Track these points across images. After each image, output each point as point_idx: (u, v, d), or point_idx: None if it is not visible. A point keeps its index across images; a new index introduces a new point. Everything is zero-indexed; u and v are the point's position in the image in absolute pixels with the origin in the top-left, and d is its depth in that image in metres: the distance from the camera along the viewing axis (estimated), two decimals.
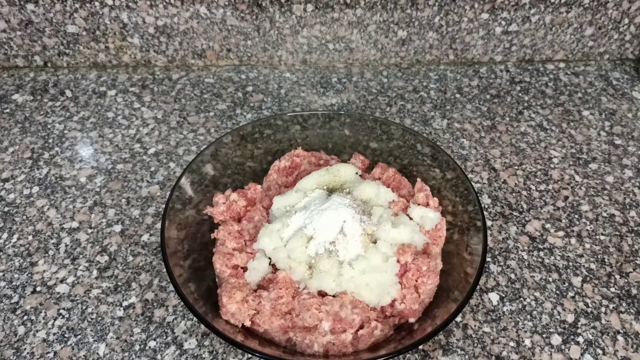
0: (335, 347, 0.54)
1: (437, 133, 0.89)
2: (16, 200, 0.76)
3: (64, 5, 0.90)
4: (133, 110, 0.92)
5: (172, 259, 0.57)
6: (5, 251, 0.69)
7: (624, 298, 0.66)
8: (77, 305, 0.63)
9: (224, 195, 0.67)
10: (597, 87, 1.00)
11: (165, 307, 0.63)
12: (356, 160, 0.73)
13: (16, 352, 0.59)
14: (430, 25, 0.97)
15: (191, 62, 1.01)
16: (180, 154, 0.84)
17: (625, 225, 0.74)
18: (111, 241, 0.71)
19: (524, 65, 1.05)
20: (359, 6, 0.93)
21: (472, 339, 0.61)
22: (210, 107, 0.93)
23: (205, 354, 0.59)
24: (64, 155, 0.83)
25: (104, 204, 0.75)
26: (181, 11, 0.93)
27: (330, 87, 0.98)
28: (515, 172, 0.82)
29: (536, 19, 0.97)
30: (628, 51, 1.05)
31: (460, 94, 0.97)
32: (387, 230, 0.60)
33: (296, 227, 0.61)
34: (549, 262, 0.69)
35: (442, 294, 0.59)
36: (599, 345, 0.61)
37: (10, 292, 0.65)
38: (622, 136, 0.89)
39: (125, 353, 0.59)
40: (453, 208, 0.66)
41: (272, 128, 0.75)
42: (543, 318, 0.63)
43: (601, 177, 0.81)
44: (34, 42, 0.95)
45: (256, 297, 0.57)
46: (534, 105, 0.95)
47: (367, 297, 0.57)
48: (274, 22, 0.95)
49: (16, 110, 0.91)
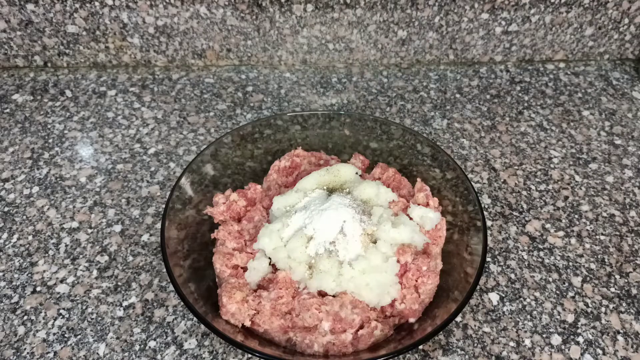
0: (335, 347, 0.54)
1: (437, 133, 0.89)
2: (16, 200, 0.76)
3: (64, 5, 0.90)
4: (133, 110, 0.92)
5: (172, 259, 0.57)
6: (5, 251, 0.69)
7: (624, 298, 0.66)
8: (77, 305, 0.63)
9: (224, 195, 0.67)
10: (597, 87, 1.00)
11: (165, 307, 0.63)
12: (356, 160, 0.73)
13: (16, 352, 0.59)
14: (430, 25, 0.97)
15: (191, 62, 1.01)
16: (180, 154, 0.84)
17: (625, 225, 0.74)
18: (111, 241, 0.71)
19: (524, 65, 1.05)
20: (359, 6, 0.93)
21: (472, 339, 0.61)
22: (210, 107, 0.93)
23: (205, 354, 0.59)
24: (64, 155, 0.83)
25: (104, 204, 0.75)
26: (181, 11, 0.93)
27: (330, 87, 0.98)
28: (515, 172, 0.82)
29: (536, 19, 0.97)
30: (628, 51, 1.05)
31: (460, 94, 0.97)
32: (387, 230, 0.60)
33: (296, 227, 0.61)
34: (549, 262, 0.69)
35: (442, 294, 0.59)
36: (599, 345, 0.61)
37: (10, 292, 0.65)
38: (622, 136, 0.89)
39: (125, 353, 0.59)
40: (453, 208, 0.66)
41: (272, 128, 0.75)
42: (543, 318, 0.63)
43: (601, 177, 0.81)
44: (34, 42, 0.95)
45: (256, 297, 0.57)
46: (534, 105, 0.95)
47: (367, 297, 0.57)
48: (274, 22, 0.95)
49: (16, 110, 0.91)
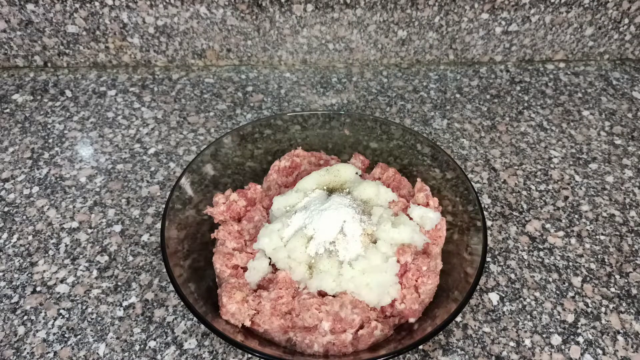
0: (335, 347, 0.54)
1: (437, 133, 0.89)
2: (16, 200, 0.76)
3: (64, 5, 0.90)
4: (133, 110, 0.92)
5: (172, 259, 0.57)
6: (5, 251, 0.69)
7: (624, 298, 0.66)
8: (77, 305, 0.63)
9: (224, 195, 0.67)
10: (597, 87, 1.00)
11: (165, 307, 0.63)
12: (356, 160, 0.73)
13: (16, 352, 0.59)
14: (430, 25, 0.97)
15: (191, 62, 1.01)
16: (180, 154, 0.84)
17: (625, 225, 0.74)
18: (111, 241, 0.71)
19: (524, 65, 1.05)
20: (359, 6, 0.93)
21: (472, 339, 0.61)
22: (210, 107, 0.93)
23: (205, 354, 0.59)
24: (64, 155, 0.83)
25: (104, 204, 0.75)
26: (181, 11, 0.93)
27: (330, 87, 0.98)
28: (515, 172, 0.82)
29: (536, 19, 0.97)
30: (628, 51, 1.05)
31: (460, 94, 0.97)
32: (387, 230, 0.60)
33: (296, 227, 0.61)
34: (549, 262, 0.69)
35: (442, 294, 0.59)
36: (599, 345, 0.61)
37: (10, 292, 0.65)
38: (622, 136, 0.89)
39: (125, 353, 0.59)
40: (453, 208, 0.66)
41: (272, 128, 0.75)
42: (543, 318, 0.63)
43: (601, 177, 0.81)
44: (34, 42, 0.95)
45: (256, 297, 0.57)
46: (534, 105, 0.95)
47: (367, 297, 0.57)
48: (274, 22, 0.95)
49: (16, 110, 0.91)
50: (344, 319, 0.54)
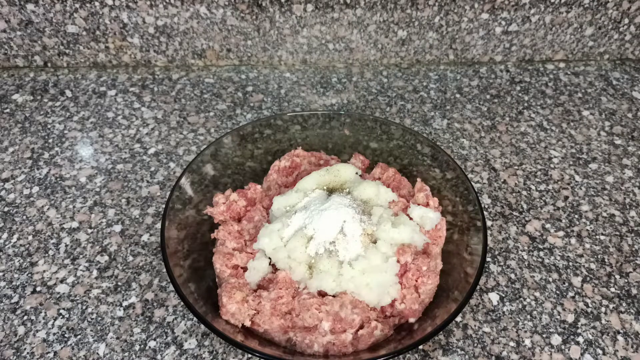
0: (335, 347, 0.54)
1: (437, 133, 0.89)
2: (16, 200, 0.76)
3: (64, 5, 0.90)
4: (133, 110, 0.92)
5: (172, 259, 0.57)
6: (5, 251, 0.69)
7: (624, 298, 0.66)
8: (77, 305, 0.63)
9: (224, 195, 0.67)
10: (597, 87, 1.00)
11: (165, 307, 0.63)
12: (356, 160, 0.73)
13: (16, 352, 0.59)
14: (430, 25, 0.97)
15: (191, 62, 1.01)
16: (180, 154, 0.84)
17: (625, 225, 0.74)
18: (111, 241, 0.71)
19: (524, 65, 1.05)
20: (359, 6, 0.93)
21: (472, 339, 0.61)
22: (210, 107, 0.93)
23: (205, 354, 0.59)
24: (64, 155, 0.83)
25: (104, 204, 0.75)
26: (181, 11, 0.93)
27: (330, 87, 0.98)
28: (515, 172, 0.82)
29: (536, 19, 0.97)
30: (628, 51, 1.05)
31: (460, 94, 0.97)
32: (387, 230, 0.60)
33: (296, 227, 0.61)
34: (549, 262, 0.69)
35: (442, 294, 0.59)
36: (599, 345, 0.61)
37: (10, 292, 0.65)
38: (622, 136, 0.89)
39: (125, 353, 0.59)
40: (453, 208, 0.66)
41: (272, 128, 0.75)
42: (543, 318, 0.63)
43: (601, 177, 0.81)
44: (34, 42, 0.95)
45: (256, 297, 0.57)
46: (534, 105, 0.95)
47: (367, 297, 0.57)
48: (274, 22, 0.95)
49: (16, 110, 0.91)
50: (344, 319, 0.54)
